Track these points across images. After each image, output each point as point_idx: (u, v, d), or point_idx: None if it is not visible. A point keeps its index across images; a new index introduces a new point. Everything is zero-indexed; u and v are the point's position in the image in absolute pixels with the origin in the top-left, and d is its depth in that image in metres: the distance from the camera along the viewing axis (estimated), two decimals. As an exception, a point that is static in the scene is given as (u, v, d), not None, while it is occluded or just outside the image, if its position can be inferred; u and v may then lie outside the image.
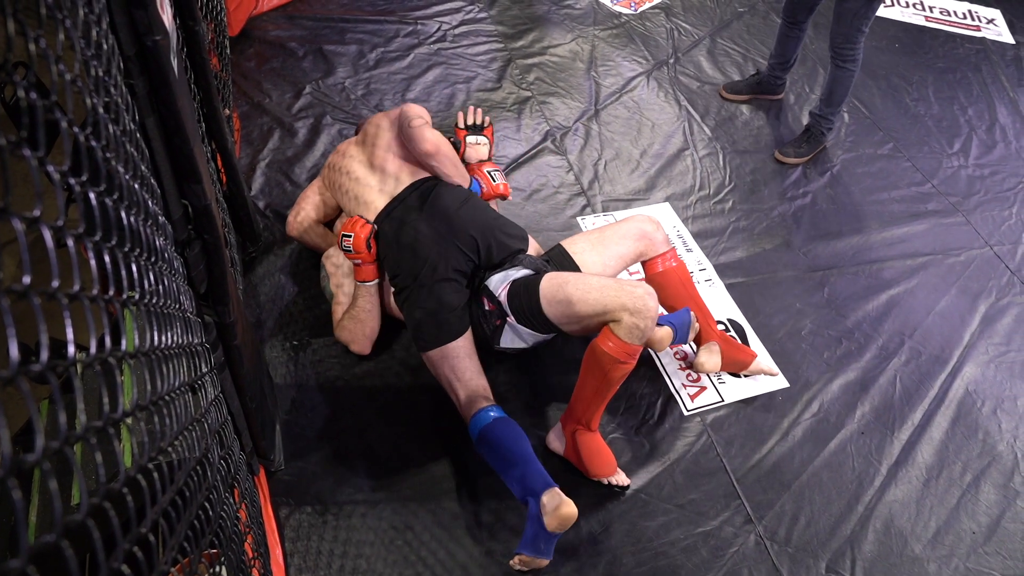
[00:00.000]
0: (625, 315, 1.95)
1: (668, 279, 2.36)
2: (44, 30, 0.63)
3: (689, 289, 2.40)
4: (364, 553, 1.98)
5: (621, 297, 1.97)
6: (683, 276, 2.39)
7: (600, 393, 2.06)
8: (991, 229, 3.15)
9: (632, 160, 3.25)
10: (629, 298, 1.96)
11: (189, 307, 1.36)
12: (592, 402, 2.08)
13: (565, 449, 2.18)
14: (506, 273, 2.21)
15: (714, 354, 2.39)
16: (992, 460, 2.34)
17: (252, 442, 1.92)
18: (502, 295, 2.16)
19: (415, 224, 2.25)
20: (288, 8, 3.84)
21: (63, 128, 0.66)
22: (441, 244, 2.21)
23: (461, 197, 2.34)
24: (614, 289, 2.00)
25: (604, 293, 2.00)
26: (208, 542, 1.07)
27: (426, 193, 2.32)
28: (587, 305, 2.01)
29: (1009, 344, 2.69)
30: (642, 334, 1.96)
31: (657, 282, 2.34)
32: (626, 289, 1.99)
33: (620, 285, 2.01)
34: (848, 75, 3.15)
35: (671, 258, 2.36)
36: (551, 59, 3.75)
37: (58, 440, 0.54)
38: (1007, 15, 4.54)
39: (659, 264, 2.36)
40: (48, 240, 0.56)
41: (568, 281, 2.08)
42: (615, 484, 2.15)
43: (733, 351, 2.42)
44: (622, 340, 1.97)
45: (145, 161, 1.13)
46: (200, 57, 1.90)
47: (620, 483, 2.15)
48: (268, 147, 3.08)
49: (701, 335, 2.40)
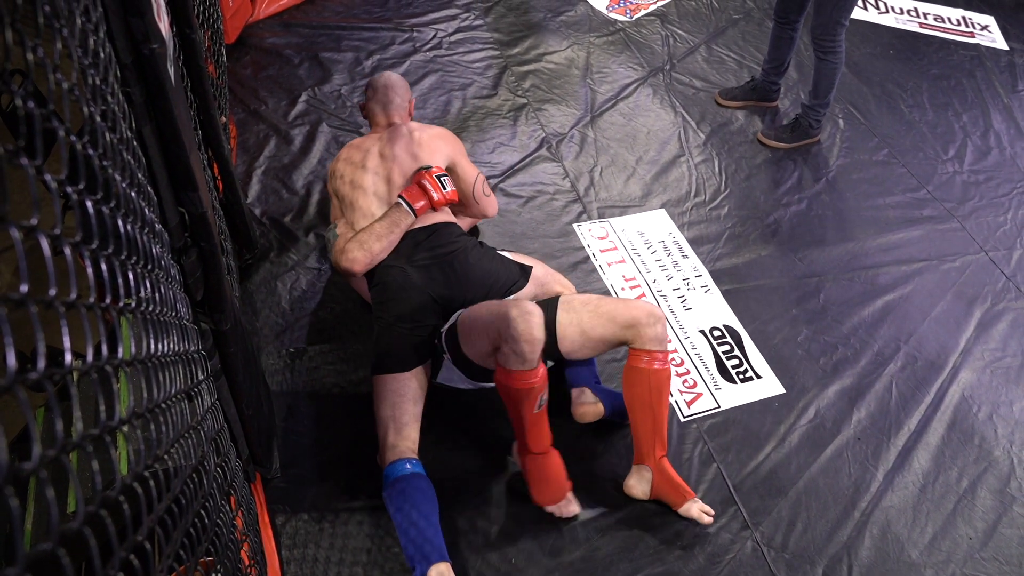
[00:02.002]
0: (501, 343, 1.90)
1: (640, 379, 2.06)
2: (42, 39, 0.63)
3: (656, 398, 2.07)
4: (361, 560, 1.98)
5: (497, 324, 1.91)
6: (658, 383, 2.07)
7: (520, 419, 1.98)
8: (986, 235, 3.16)
9: (628, 167, 3.26)
10: (502, 323, 1.89)
11: (185, 314, 1.36)
12: (519, 428, 2.01)
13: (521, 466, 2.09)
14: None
15: (643, 481, 2.12)
16: (988, 465, 2.35)
17: (248, 449, 1.91)
18: (444, 331, 2.14)
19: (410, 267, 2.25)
20: (284, 16, 3.84)
21: (60, 136, 0.66)
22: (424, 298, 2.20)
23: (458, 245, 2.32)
24: (491, 316, 1.94)
25: (486, 322, 1.95)
26: (204, 550, 1.07)
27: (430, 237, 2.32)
28: (479, 338, 1.97)
29: (1005, 350, 2.70)
30: (522, 359, 1.87)
31: (629, 377, 2.08)
32: (501, 312, 1.92)
33: (498, 310, 1.94)
34: (830, 66, 3.20)
35: (660, 360, 2.07)
36: (547, 66, 3.76)
37: (55, 448, 0.54)
38: (1001, 22, 4.56)
39: (642, 359, 2.06)
40: (45, 248, 0.56)
41: (471, 311, 2.06)
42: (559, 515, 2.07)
43: (666, 485, 2.10)
44: (505, 368, 1.92)
45: (142, 169, 1.14)
46: (197, 65, 1.90)
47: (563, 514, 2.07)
48: (264, 154, 3.08)
49: (641, 453, 2.12)
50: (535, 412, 1.96)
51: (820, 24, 3.10)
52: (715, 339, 2.62)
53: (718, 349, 2.59)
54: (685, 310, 2.70)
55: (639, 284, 2.77)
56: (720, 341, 2.61)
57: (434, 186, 2.33)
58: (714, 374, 2.51)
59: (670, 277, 2.81)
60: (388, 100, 2.61)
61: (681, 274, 2.83)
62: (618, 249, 2.89)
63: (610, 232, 2.96)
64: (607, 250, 2.88)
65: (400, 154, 2.44)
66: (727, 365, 2.54)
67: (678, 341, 2.59)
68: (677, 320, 2.66)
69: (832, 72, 3.21)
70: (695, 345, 2.59)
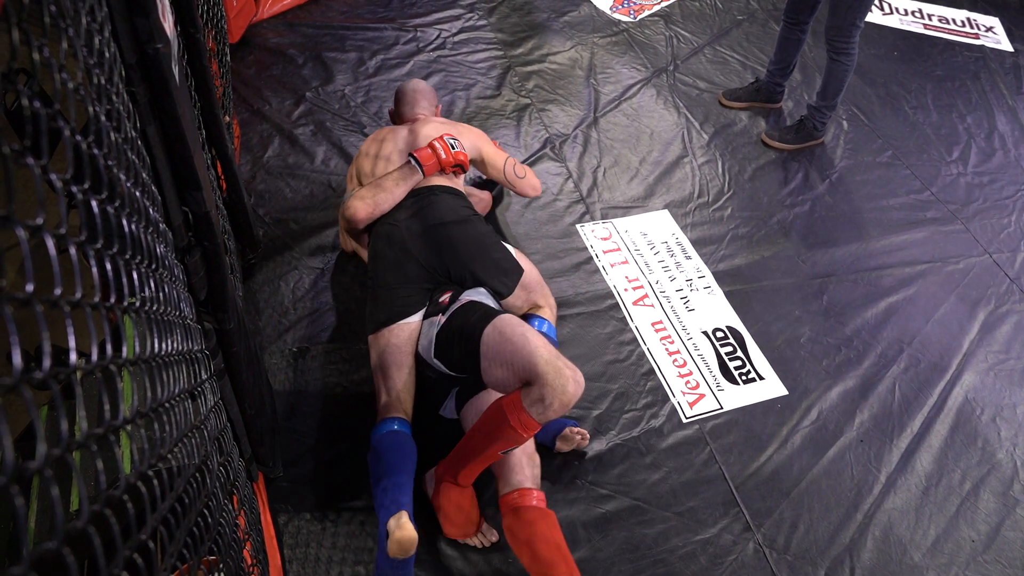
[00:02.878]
0: (541, 384, 1.78)
1: (526, 518, 1.93)
2: (47, 38, 0.63)
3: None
4: (363, 560, 1.98)
5: (551, 365, 1.80)
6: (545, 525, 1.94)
7: (482, 451, 1.91)
8: (990, 237, 3.16)
9: (631, 167, 3.25)
10: (554, 372, 1.78)
11: (189, 314, 1.36)
12: (469, 457, 1.93)
13: (433, 494, 2.04)
14: (474, 293, 2.19)
15: None
16: (991, 468, 2.34)
17: (251, 449, 1.91)
18: (456, 304, 2.11)
19: (406, 230, 2.29)
20: (288, 15, 3.85)
21: (65, 136, 0.66)
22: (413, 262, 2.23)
23: (461, 216, 2.34)
24: (546, 359, 1.81)
25: (542, 353, 1.82)
26: (207, 549, 1.07)
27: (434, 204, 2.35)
28: (524, 351, 1.84)
29: (1008, 352, 2.69)
30: (543, 411, 1.78)
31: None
32: (557, 365, 1.80)
33: (554, 360, 1.81)
34: (842, 68, 3.18)
35: (535, 498, 1.97)
36: (550, 67, 3.76)
37: (59, 447, 0.54)
38: (1006, 23, 4.55)
39: (517, 499, 1.96)
40: (51, 247, 0.56)
41: (524, 325, 1.95)
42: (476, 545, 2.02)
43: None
44: (523, 405, 1.81)
45: (146, 168, 1.14)
46: (201, 64, 1.91)
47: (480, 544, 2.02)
48: (268, 154, 3.09)
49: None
50: (500, 454, 1.93)
51: (835, 26, 3.09)
52: (718, 340, 2.61)
53: (721, 350, 2.58)
54: (688, 311, 2.70)
55: (642, 285, 2.77)
56: (723, 342, 2.61)
57: (443, 147, 2.39)
58: (717, 375, 2.51)
59: (673, 278, 2.81)
60: (416, 101, 2.73)
61: (684, 275, 2.83)
62: (621, 250, 2.89)
63: (613, 233, 2.96)
64: (610, 251, 2.88)
65: (430, 133, 2.52)
66: (730, 366, 2.54)
67: (681, 342, 2.59)
68: (680, 321, 2.66)
69: (843, 74, 3.21)
70: (698, 346, 2.59)
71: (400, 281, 2.22)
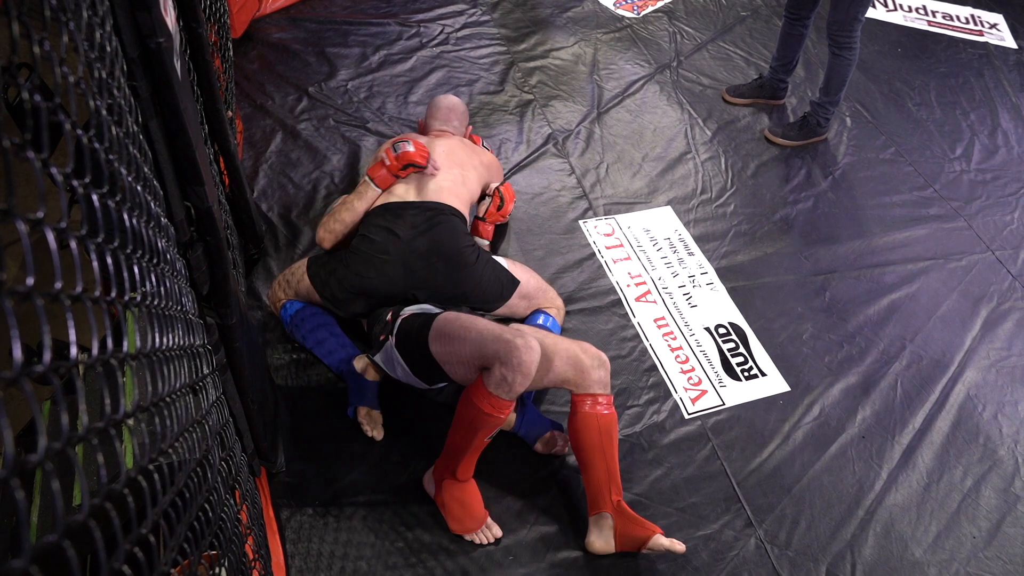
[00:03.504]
0: (496, 364, 1.85)
1: (588, 424, 2.01)
2: (48, 32, 0.63)
3: (607, 442, 2.02)
4: (365, 555, 1.98)
5: (497, 345, 1.85)
6: (607, 427, 2.02)
7: (467, 443, 1.94)
8: (993, 234, 3.15)
9: (634, 163, 3.25)
10: (504, 348, 1.84)
11: (191, 309, 1.36)
12: (458, 451, 1.97)
13: (436, 493, 2.05)
14: (424, 306, 2.21)
15: (605, 531, 2.00)
16: (993, 464, 2.34)
17: (254, 444, 1.92)
18: (400, 318, 2.13)
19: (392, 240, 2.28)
20: (291, 10, 3.84)
21: (66, 130, 0.66)
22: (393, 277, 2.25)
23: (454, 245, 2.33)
24: (494, 337, 1.87)
25: (484, 337, 1.88)
26: (208, 543, 1.07)
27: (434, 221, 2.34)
28: (467, 345, 1.91)
29: (1010, 349, 2.69)
30: (509, 388, 1.84)
31: (576, 424, 2.03)
32: (505, 338, 1.86)
33: (502, 334, 1.88)
34: (844, 63, 3.17)
35: (605, 404, 2.04)
36: (553, 62, 3.75)
37: (60, 441, 0.54)
38: (1010, 20, 4.54)
39: (586, 404, 2.03)
40: (51, 242, 0.56)
41: (461, 320, 1.99)
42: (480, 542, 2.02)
43: (629, 525, 1.98)
44: (488, 391, 1.86)
45: (148, 163, 1.14)
46: (203, 59, 1.91)
47: (485, 540, 2.02)
48: (271, 149, 3.09)
49: (597, 501, 2.02)
50: (485, 440, 1.95)
51: (837, 20, 3.09)
52: (720, 336, 2.61)
53: (723, 346, 2.58)
54: (691, 307, 2.70)
55: (644, 281, 2.77)
56: (725, 339, 2.61)
57: (387, 155, 2.40)
58: (719, 371, 2.51)
59: (676, 274, 2.81)
60: (447, 119, 2.79)
61: (687, 271, 2.83)
62: (624, 246, 2.89)
63: (616, 229, 2.95)
64: (613, 247, 2.88)
65: (441, 151, 2.55)
66: (732, 363, 2.54)
67: (683, 338, 2.59)
68: (682, 317, 2.66)
69: (846, 68, 3.20)
70: (700, 342, 2.59)
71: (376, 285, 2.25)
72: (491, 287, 2.34)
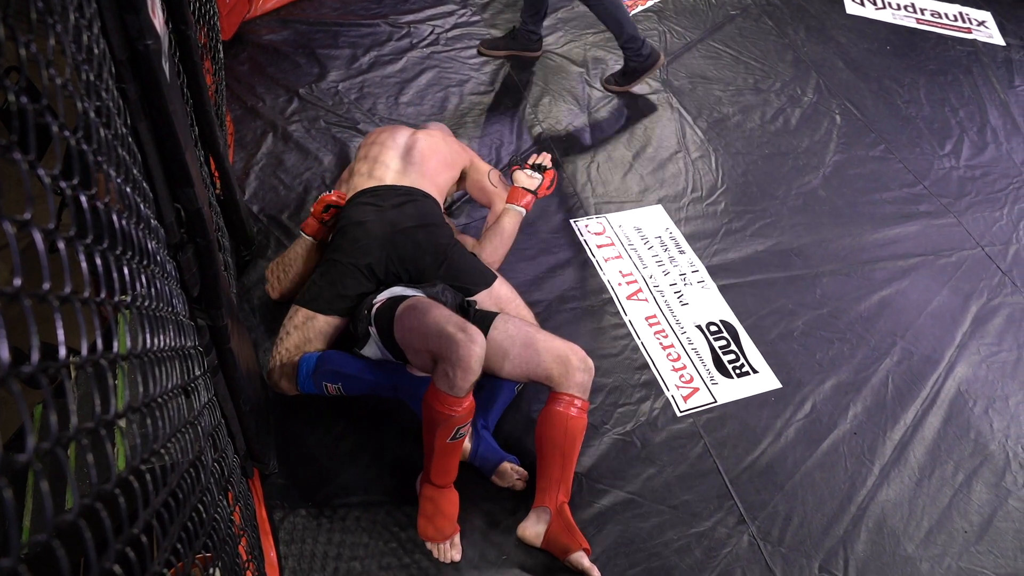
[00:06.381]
0: (440, 360, 1.83)
1: (557, 421, 2.01)
2: (35, 35, 0.63)
3: (569, 445, 2.02)
4: (358, 555, 1.98)
5: (439, 340, 1.82)
6: (574, 431, 2.02)
7: (430, 443, 1.92)
8: (982, 230, 3.17)
9: (625, 162, 3.26)
10: (445, 343, 1.81)
11: (182, 310, 1.36)
12: (428, 452, 1.95)
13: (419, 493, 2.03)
14: (402, 288, 2.19)
15: (539, 524, 2.00)
16: (984, 459, 2.35)
17: (246, 445, 1.92)
18: (376, 304, 2.13)
19: (374, 215, 2.32)
20: (281, 12, 3.84)
21: (54, 132, 0.67)
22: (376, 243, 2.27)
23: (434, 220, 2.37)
24: (437, 331, 1.84)
25: (429, 331, 1.86)
26: (201, 545, 1.07)
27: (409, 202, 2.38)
28: (416, 337, 1.90)
29: (1000, 344, 2.70)
30: (451, 384, 1.81)
31: (546, 418, 2.03)
32: (447, 331, 1.83)
33: (444, 328, 1.84)
34: (602, 9, 3.38)
35: (579, 407, 2.03)
36: (544, 62, 3.76)
37: (49, 441, 0.54)
38: (998, 17, 4.56)
39: (562, 402, 2.02)
40: (39, 243, 0.56)
41: (417, 308, 1.96)
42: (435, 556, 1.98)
43: (562, 531, 1.97)
44: (435, 386, 1.85)
45: (137, 165, 1.14)
46: (192, 61, 1.90)
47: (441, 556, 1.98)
48: (262, 151, 3.08)
49: (544, 495, 2.02)
50: (447, 442, 1.89)
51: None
52: (712, 334, 2.62)
53: (715, 344, 2.59)
54: (682, 305, 2.70)
55: (636, 280, 2.77)
56: (717, 336, 2.62)
57: (313, 208, 2.41)
58: (711, 369, 2.52)
59: (667, 272, 2.82)
60: None
61: (678, 269, 2.83)
62: (615, 245, 2.89)
63: (607, 228, 2.96)
64: (604, 246, 2.88)
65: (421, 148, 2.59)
66: (723, 360, 2.55)
67: (675, 336, 2.60)
68: (674, 315, 2.66)
69: (607, 13, 3.37)
70: (692, 340, 2.59)
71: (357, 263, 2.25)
72: (473, 264, 2.34)
